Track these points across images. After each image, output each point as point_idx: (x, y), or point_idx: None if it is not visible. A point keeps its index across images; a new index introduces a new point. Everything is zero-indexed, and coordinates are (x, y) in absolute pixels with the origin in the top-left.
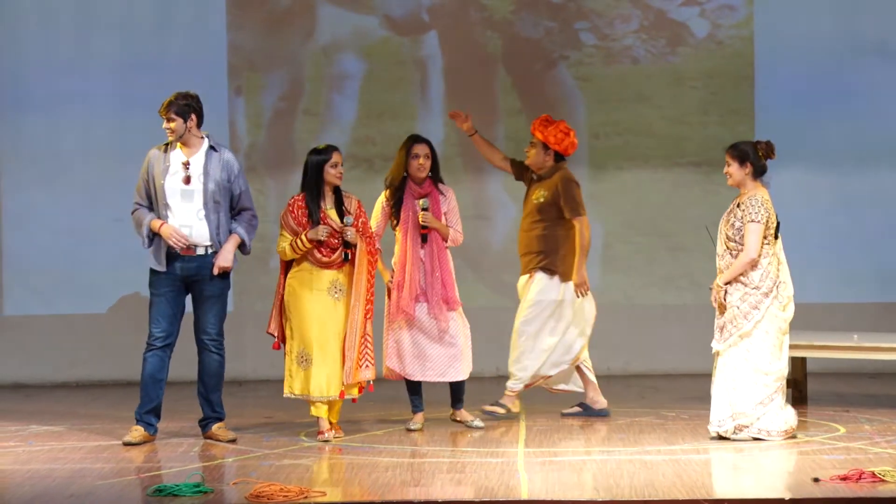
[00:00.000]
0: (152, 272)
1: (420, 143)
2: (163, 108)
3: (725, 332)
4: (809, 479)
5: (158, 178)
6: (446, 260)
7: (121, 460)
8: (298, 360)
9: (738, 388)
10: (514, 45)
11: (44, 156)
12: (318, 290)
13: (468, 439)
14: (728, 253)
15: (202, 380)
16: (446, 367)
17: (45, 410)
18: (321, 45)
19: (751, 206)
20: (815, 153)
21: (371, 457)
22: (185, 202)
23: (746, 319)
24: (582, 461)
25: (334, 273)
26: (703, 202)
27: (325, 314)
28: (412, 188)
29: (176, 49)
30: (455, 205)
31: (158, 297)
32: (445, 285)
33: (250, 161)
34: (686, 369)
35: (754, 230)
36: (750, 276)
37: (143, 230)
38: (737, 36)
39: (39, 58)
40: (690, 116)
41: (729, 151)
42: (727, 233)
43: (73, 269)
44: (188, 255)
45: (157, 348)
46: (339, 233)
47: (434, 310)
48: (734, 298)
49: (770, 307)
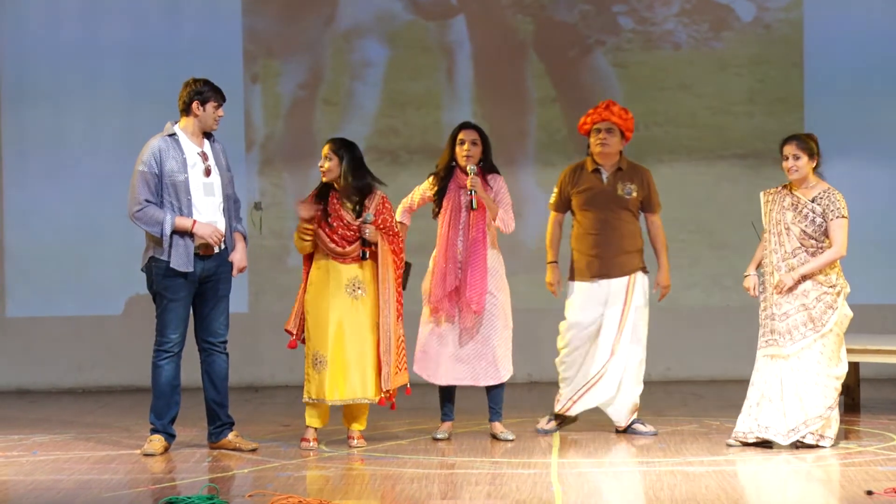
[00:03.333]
0: (168, 275)
1: (468, 128)
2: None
3: (797, 334)
4: (862, 491)
5: (177, 173)
6: (485, 257)
7: (130, 471)
8: (313, 362)
9: (811, 391)
10: (547, 30)
11: (48, 148)
12: (337, 287)
13: (499, 450)
14: (804, 251)
15: (214, 385)
16: (476, 369)
17: (50, 418)
18: (342, 29)
19: (835, 201)
20: (869, 145)
21: (396, 467)
22: (208, 196)
23: (824, 320)
24: (620, 472)
25: (354, 269)
26: (749, 197)
27: (343, 313)
28: (459, 177)
29: (188, 34)
30: (504, 190)
31: (175, 302)
32: (475, 284)
33: (267, 153)
34: (731, 375)
35: (843, 226)
36: (829, 274)
37: (164, 229)
38: (785, 19)
39: (44, 44)
40: (735, 106)
41: (796, 143)
42: (805, 229)
43: (80, 269)
44: (208, 254)
45: (175, 354)
46: (356, 228)
47: (466, 308)
48: (810, 297)
49: (842, 307)
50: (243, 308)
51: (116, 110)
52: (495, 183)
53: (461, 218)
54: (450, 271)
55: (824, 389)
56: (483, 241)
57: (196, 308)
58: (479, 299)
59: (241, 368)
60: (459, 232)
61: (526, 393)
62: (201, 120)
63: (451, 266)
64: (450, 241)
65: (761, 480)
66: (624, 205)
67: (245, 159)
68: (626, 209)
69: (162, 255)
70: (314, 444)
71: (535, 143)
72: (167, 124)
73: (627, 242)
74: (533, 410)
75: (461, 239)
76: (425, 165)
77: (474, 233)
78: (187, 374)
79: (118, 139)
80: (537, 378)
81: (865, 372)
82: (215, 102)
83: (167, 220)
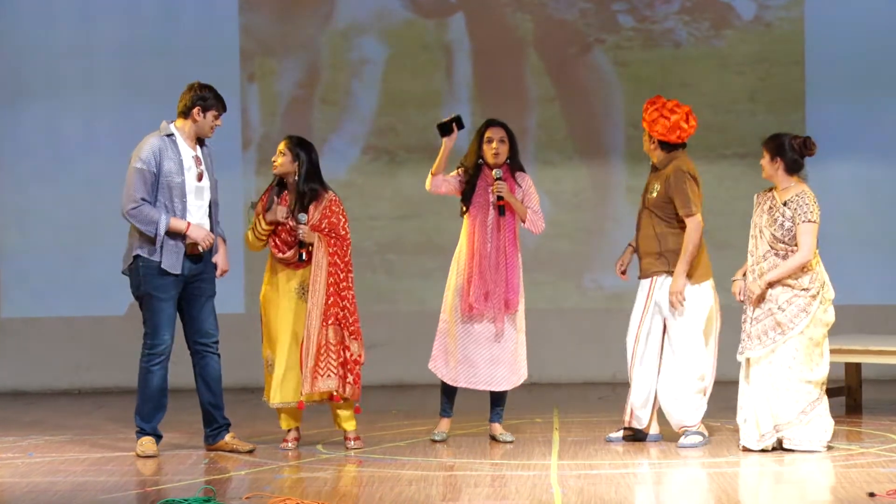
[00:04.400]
0: (158, 275)
1: (495, 125)
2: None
3: (766, 339)
4: (864, 493)
5: (175, 175)
6: (515, 255)
7: (125, 473)
8: (266, 364)
9: (781, 397)
10: (546, 28)
11: (44, 148)
12: (288, 291)
13: (498, 451)
14: (774, 254)
15: (209, 387)
16: (494, 374)
17: (46, 420)
18: (340, 27)
19: (803, 205)
20: (871, 144)
21: (394, 469)
22: (198, 199)
23: (793, 324)
24: (620, 474)
25: (300, 273)
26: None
27: (291, 315)
28: (486, 175)
29: (184, 33)
30: (533, 190)
31: (165, 303)
32: (509, 284)
33: (264, 153)
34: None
35: (810, 230)
36: (801, 277)
37: (159, 229)
38: (787, 17)
39: (38, 43)
40: (737, 105)
41: (764, 142)
42: (774, 233)
43: (76, 269)
44: (195, 253)
45: (166, 357)
46: (294, 228)
47: (493, 310)
48: (780, 301)
49: (817, 311)
50: (239, 309)
51: (112, 109)
52: (524, 182)
53: (490, 217)
54: (485, 269)
55: (796, 394)
56: (514, 241)
57: (184, 310)
58: (514, 298)
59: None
60: (488, 231)
61: (525, 394)
62: (199, 126)
63: (486, 265)
64: (480, 240)
65: (760, 482)
66: (646, 205)
67: (242, 158)
68: (647, 209)
69: (152, 254)
70: (292, 444)
71: (535, 141)
72: (163, 123)
73: (646, 244)
74: (532, 411)
75: (490, 238)
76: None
77: (506, 232)
78: (179, 376)
79: (114, 139)
80: (536, 379)
81: (867, 373)
82: (216, 112)
83: (162, 220)
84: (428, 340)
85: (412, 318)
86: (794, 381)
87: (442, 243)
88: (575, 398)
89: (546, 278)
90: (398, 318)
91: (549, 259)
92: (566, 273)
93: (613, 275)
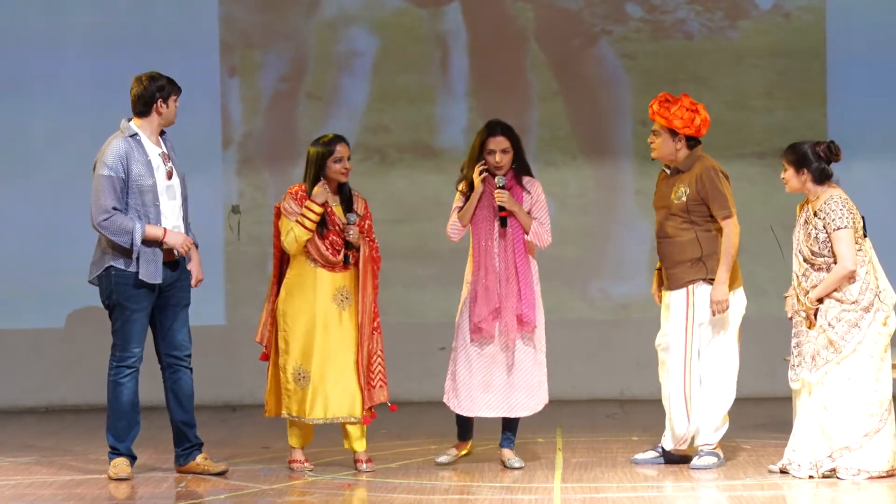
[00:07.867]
0: (133, 285)
1: (496, 135)
2: None
3: (819, 360)
4: None
5: (145, 177)
6: (526, 265)
7: (97, 498)
8: (295, 377)
9: (840, 421)
10: (549, 18)
11: (9, 145)
12: (322, 296)
13: (497, 474)
14: (816, 269)
15: (180, 404)
16: (510, 399)
17: (10, 440)
18: (327, 18)
19: (832, 212)
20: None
21: (385, 493)
22: (170, 200)
23: (846, 341)
24: (628, 498)
25: (339, 277)
26: (769, 198)
27: (330, 325)
28: (490, 182)
29: (161, 23)
30: (542, 199)
31: (139, 313)
32: (523, 298)
33: (245, 152)
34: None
35: (845, 237)
36: (847, 289)
37: (134, 239)
38: (807, 7)
39: (5, 33)
40: (753, 100)
41: (784, 155)
42: (811, 248)
43: (43, 277)
44: (170, 259)
45: (136, 370)
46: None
47: (504, 328)
48: (829, 317)
49: (872, 323)
50: (220, 320)
51: (83, 105)
52: (533, 189)
53: (496, 226)
54: (492, 284)
55: (855, 418)
56: (525, 250)
57: (156, 320)
58: (530, 312)
59: (218, 385)
60: (495, 241)
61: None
62: (165, 117)
63: (493, 278)
64: (487, 252)
65: None
66: (672, 210)
67: (222, 158)
68: (674, 215)
69: (128, 266)
70: (307, 464)
71: (537, 139)
72: (123, 122)
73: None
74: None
75: (497, 249)
76: (416, 164)
77: (514, 241)
78: (147, 393)
79: (85, 136)
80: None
81: None
82: (176, 95)
83: (137, 229)
84: (420, 355)
85: (403, 330)
86: (852, 403)
87: (436, 250)
88: (580, 416)
89: (549, 287)
90: (387, 330)
91: (553, 266)
92: (571, 281)
93: (621, 283)
